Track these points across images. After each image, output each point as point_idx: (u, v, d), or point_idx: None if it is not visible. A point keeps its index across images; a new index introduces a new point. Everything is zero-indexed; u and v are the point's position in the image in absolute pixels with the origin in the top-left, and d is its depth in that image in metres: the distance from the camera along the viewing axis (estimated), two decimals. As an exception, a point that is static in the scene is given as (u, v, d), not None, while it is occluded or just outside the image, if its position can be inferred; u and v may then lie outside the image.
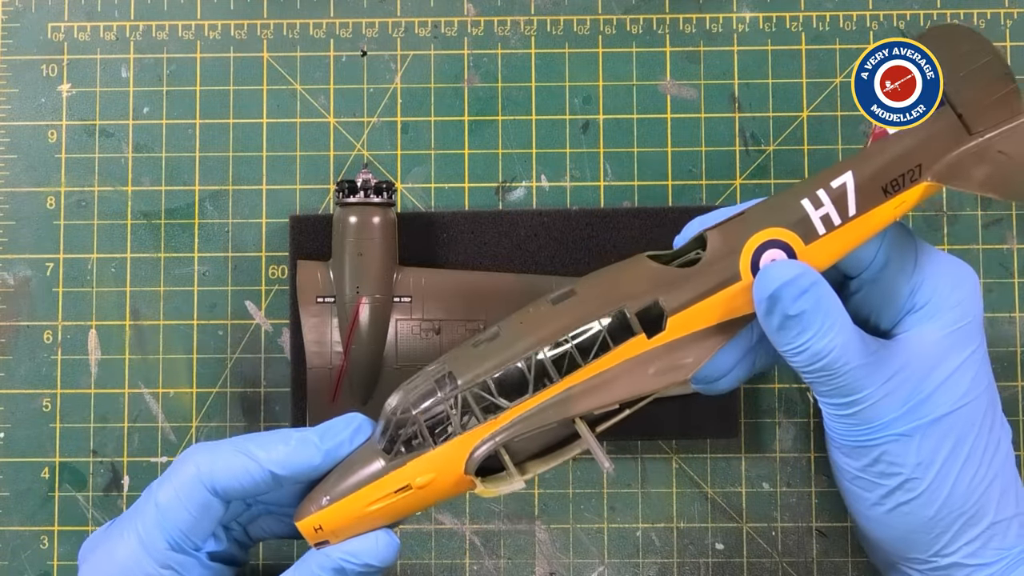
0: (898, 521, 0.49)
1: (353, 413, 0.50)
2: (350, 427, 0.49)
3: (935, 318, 0.49)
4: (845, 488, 0.51)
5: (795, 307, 0.46)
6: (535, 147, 0.63)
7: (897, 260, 0.50)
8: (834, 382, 0.48)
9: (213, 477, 0.48)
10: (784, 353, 0.48)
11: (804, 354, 0.47)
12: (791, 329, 0.47)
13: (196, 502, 0.48)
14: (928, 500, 0.48)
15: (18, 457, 0.62)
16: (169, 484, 0.49)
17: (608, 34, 0.64)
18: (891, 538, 0.51)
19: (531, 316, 0.49)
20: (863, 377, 0.47)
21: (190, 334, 0.62)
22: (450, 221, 0.62)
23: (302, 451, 0.49)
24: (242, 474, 0.48)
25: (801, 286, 0.46)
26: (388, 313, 0.59)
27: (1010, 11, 0.63)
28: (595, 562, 0.62)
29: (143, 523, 0.49)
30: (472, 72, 0.64)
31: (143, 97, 0.64)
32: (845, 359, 0.47)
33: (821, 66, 0.63)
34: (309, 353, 0.59)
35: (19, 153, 0.63)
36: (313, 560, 0.49)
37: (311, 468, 0.49)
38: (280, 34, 0.64)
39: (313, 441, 0.49)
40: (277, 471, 0.48)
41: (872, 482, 0.49)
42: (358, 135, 0.63)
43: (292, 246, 0.61)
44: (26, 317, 0.63)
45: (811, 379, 0.48)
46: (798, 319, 0.47)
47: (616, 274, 0.49)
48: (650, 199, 0.63)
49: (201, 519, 0.49)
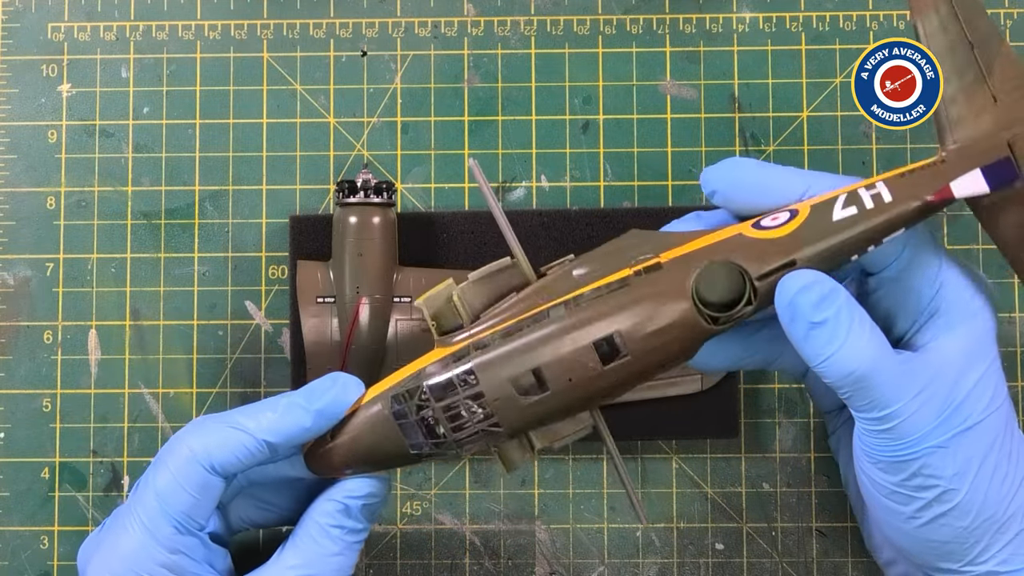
0: (934, 532, 0.49)
1: (335, 372, 0.50)
2: (336, 385, 0.49)
3: (958, 326, 0.49)
4: (878, 503, 0.50)
5: (818, 314, 0.46)
6: (535, 147, 0.63)
7: (921, 259, 0.49)
8: (870, 394, 0.47)
9: (209, 455, 0.48)
10: (817, 366, 0.47)
11: (837, 364, 0.46)
12: (818, 338, 0.46)
13: (195, 482, 0.48)
14: (964, 510, 0.48)
15: (18, 457, 0.62)
16: (165, 468, 0.48)
17: (608, 34, 0.64)
18: (925, 550, 0.50)
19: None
20: (897, 388, 0.47)
21: (190, 334, 0.62)
22: (450, 221, 0.62)
23: (291, 415, 0.48)
24: (237, 447, 0.48)
25: (819, 293, 0.46)
26: (388, 313, 0.59)
27: (1010, 11, 0.63)
28: (595, 562, 0.62)
29: (144, 512, 0.48)
30: (472, 72, 0.64)
31: (143, 97, 0.64)
32: (878, 369, 0.46)
33: (821, 66, 0.63)
34: (309, 353, 0.59)
35: (19, 153, 0.63)
36: (317, 509, 0.50)
37: (303, 431, 0.49)
38: (280, 34, 0.64)
39: (299, 404, 0.49)
40: (270, 439, 0.48)
41: (909, 496, 0.48)
42: (358, 135, 0.63)
43: (292, 246, 0.61)
44: (26, 317, 0.63)
45: (846, 393, 0.47)
46: (823, 327, 0.46)
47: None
48: (650, 199, 0.63)
49: (202, 498, 0.48)
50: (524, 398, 0.46)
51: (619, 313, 0.46)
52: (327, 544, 0.50)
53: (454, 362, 0.47)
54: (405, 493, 0.62)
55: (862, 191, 0.47)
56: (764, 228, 0.48)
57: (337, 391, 0.49)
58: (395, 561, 0.61)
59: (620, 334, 0.46)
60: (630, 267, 0.47)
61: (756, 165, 0.50)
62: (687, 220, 0.51)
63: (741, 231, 0.48)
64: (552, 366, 0.46)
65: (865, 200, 0.47)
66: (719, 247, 0.47)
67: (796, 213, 0.48)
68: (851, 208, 0.47)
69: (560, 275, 0.48)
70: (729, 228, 0.48)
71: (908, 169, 0.48)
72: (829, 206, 0.47)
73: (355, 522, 0.50)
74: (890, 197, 0.47)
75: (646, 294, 0.46)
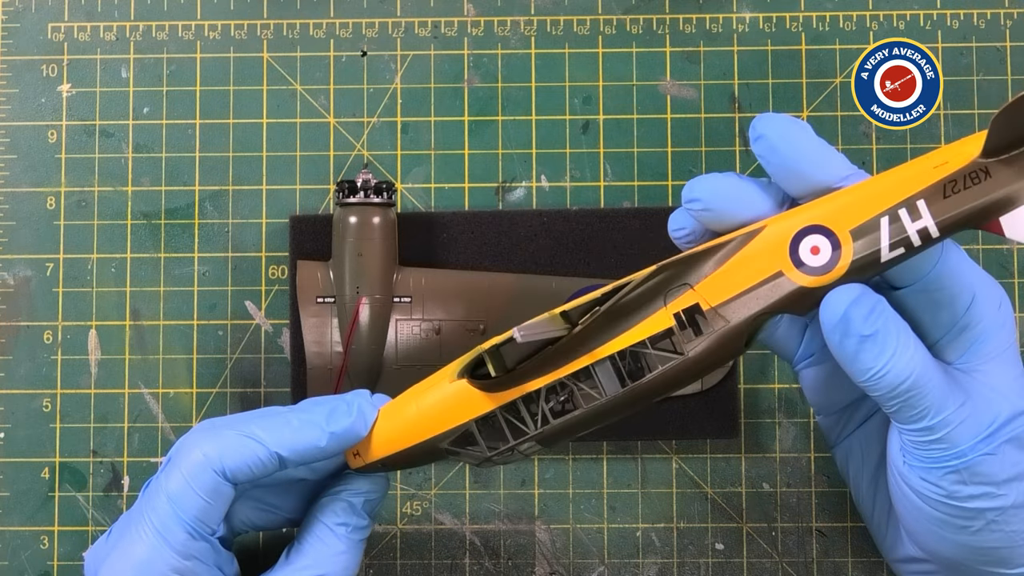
0: (984, 539, 0.49)
1: (357, 395, 0.50)
2: (353, 409, 0.50)
3: (991, 339, 0.48)
4: (924, 514, 0.49)
5: (868, 326, 0.45)
6: (535, 147, 0.63)
7: (955, 274, 0.48)
8: (920, 404, 0.46)
9: (222, 461, 0.48)
10: (867, 381, 0.46)
11: (890, 375, 0.46)
12: (869, 351, 0.45)
13: (207, 487, 0.48)
14: (1015, 514, 0.48)
15: (18, 457, 0.62)
16: (177, 472, 0.48)
17: (608, 34, 0.64)
18: (973, 557, 0.50)
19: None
20: (945, 397, 0.46)
21: (190, 334, 0.62)
22: (450, 221, 0.62)
23: (307, 434, 0.49)
24: (250, 457, 0.48)
25: (868, 305, 0.45)
26: (388, 313, 0.59)
27: (1010, 11, 0.63)
28: (595, 562, 0.62)
29: (156, 517, 0.48)
30: (472, 72, 0.64)
31: (143, 97, 0.64)
32: (928, 376, 0.46)
33: (821, 66, 0.63)
34: (309, 353, 0.59)
35: (19, 153, 0.63)
36: (322, 509, 0.51)
37: (317, 450, 0.49)
38: (280, 34, 0.64)
39: (318, 423, 0.49)
40: (284, 453, 0.48)
41: (959, 507, 0.48)
42: (358, 135, 0.63)
43: (292, 246, 0.61)
44: (26, 317, 0.63)
45: (895, 406, 0.47)
46: (874, 339, 0.45)
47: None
48: (650, 199, 0.63)
49: (214, 503, 0.48)
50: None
51: (676, 382, 0.47)
52: (334, 543, 0.50)
53: (510, 425, 0.48)
54: (405, 493, 0.62)
55: (907, 224, 0.45)
56: (806, 267, 0.46)
57: (355, 419, 0.49)
58: (395, 561, 0.61)
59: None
60: (667, 304, 0.46)
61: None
62: (727, 179, 0.49)
63: (782, 269, 0.46)
64: (610, 423, 0.48)
65: (913, 238, 0.45)
66: (765, 295, 0.46)
67: (838, 247, 0.45)
68: (899, 249, 0.45)
69: (595, 324, 0.47)
70: (768, 258, 0.46)
71: (948, 177, 0.45)
72: (874, 242, 0.45)
73: (359, 519, 0.51)
74: (937, 232, 0.45)
75: (700, 364, 0.47)
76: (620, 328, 0.47)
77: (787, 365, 0.54)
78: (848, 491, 0.62)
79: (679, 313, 0.46)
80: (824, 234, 0.45)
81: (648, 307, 0.47)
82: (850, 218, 0.45)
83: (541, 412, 0.47)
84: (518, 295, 0.60)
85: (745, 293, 0.46)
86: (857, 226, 0.45)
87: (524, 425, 0.48)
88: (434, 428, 0.49)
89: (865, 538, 0.61)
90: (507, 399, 0.48)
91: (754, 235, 0.46)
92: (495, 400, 0.48)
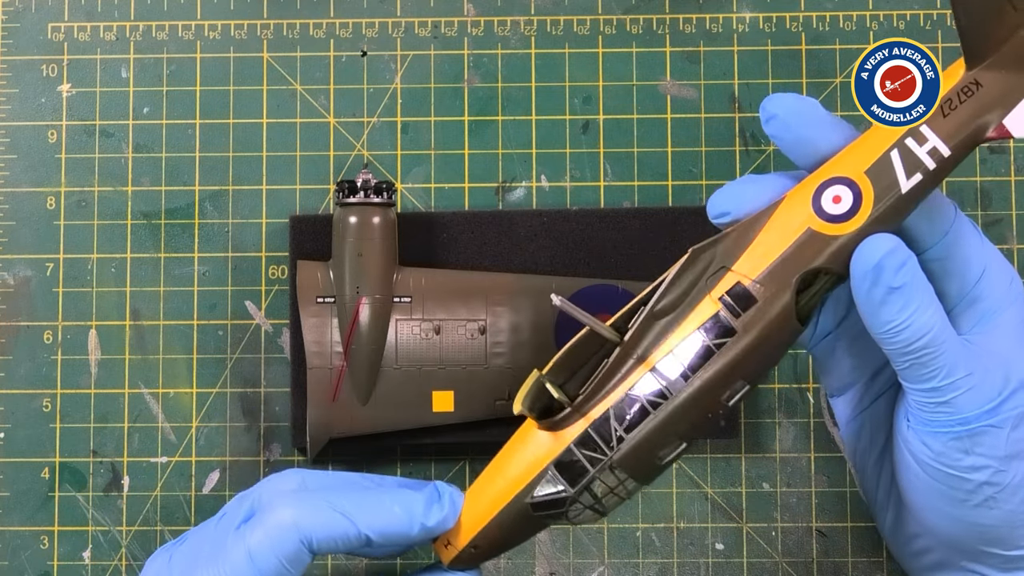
0: (982, 516, 0.49)
1: (450, 490, 0.50)
2: (445, 505, 0.50)
3: (1002, 313, 0.49)
4: (926, 485, 0.50)
5: (898, 279, 0.46)
6: (535, 147, 0.63)
7: (964, 243, 0.49)
8: (932, 364, 0.47)
9: (311, 533, 0.48)
10: (885, 333, 0.47)
11: (909, 330, 0.46)
12: (894, 303, 0.46)
13: (289, 554, 0.48)
14: (1013, 491, 0.48)
15: (18, 457, 0.62)
16: (262, 530, 0.48)
17: (608, 34, 0.64)
18: (972, 535, 0.50)
19: None
20: (956, 362, 0.47)
21: (190, 334, 0.62)
22: (450, 221, 0.62)
23: (399, 521, 0.49)
24: (339, 534, 0.48)
25: (901, 257, 0.46)
26: (388, 313, 0.59)
27: (1010, 11, 0.63)
28: (595, 562, 0.62)
29: (232, 568, 0.48)
30: (472, 72, 0.64)
31: (143, 97, 0.64)
32: (943, 338, 0.47)
33: (821, 66, 0.63)
34: (309, 353, 0.59)
35: (19, 153, 0.63)
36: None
37: (405, 539, 0.49)
38: (280, 34, 0.64)
39: (415, 513, 0.49)
40: (373, 536, 0.48)
41: (960, 477, 0.48)
42: (358, 135, 0.63)
43: (292, 246, 0.62)
44: (26, 317, 0.63)
45: (907, 362, 0.47)
46: (901, 291, 0.46)
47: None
48: (650, 199, 0.63)
49: (292, 570, 0.48)
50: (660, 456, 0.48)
51: (740, 367, 0.46)
52: None
53: (585, 455, 0.47)
54: (405, 493, 0.62)
55: (916, 149, 0.46)
56: (832, 217, 0.46)
57: (447, 513, 0.49)
58: (395, 561, 0.61)
59: (743, 379, 0.47)
60: (710, 291, 0.47)
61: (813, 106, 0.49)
62: (744, 182, 0.50)
63: (810, 225, 0.46)
64: (689, 433, 0.47)
65: (926, 161, 0.46)
66: (799, 255, 0.46)
67: (858, 192, 0.46)
68: (916, 176, 0.46)
69: (642, 328, 0.47)
70: (794, 219, 0.47)
71: (942, 98, 0.46)
72: (890, 175, 0.46)
73: None
74: (947, 151, 0.46)
75: (758, 341, 0.46)
76: (669, 326, 0.47)
77: (787, 365, 0.54)
78: (848, 491, 0.62)
79: (724, 296, 0.47)
80: (842, 183, 0.46)
81: (691, 298, 0.47)
82: (862, 162, 0.46)
83: (613, 434, 0.47)
84: (518, 295, 0.60)
85: (780, 259, 0.47)
86: (870, 165, 0.46)
87: (602, 454, 0.47)
88: (514, 486, 0.48)
89: (865, 538, 0.61)
90: (578, 432, 0.47)
91: (777, 205, 0.47)
92: (565, 438, 0.47)
